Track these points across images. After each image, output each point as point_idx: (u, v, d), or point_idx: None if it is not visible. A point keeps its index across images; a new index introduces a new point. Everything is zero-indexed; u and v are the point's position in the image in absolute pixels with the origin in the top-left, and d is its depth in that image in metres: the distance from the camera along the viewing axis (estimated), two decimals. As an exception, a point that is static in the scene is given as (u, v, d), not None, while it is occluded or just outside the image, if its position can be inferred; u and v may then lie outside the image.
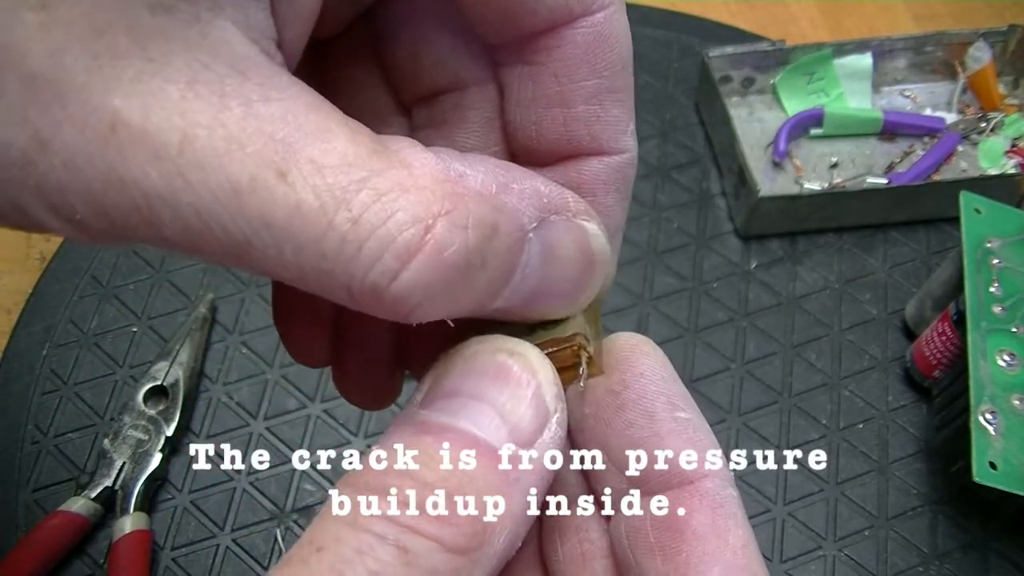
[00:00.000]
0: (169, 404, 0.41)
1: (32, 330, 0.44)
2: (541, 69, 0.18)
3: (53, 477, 0.40)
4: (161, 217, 0.14)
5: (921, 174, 0.49)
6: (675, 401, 0.18)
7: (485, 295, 0.16)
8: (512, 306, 0.17)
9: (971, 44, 0.52)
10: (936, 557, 0.39)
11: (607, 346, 0.19)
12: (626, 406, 0.18)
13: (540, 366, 0.17)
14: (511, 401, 0.16)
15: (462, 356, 0.17)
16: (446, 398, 0.16)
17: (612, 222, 0.19)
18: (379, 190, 0.14)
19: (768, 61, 0.51)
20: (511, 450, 0.16)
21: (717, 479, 0.17)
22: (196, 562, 0.38)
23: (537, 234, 0.16)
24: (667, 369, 0.18)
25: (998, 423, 0.36)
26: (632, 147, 0.19)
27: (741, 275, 0.47)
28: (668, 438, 0.17)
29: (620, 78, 0.18)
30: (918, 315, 0.44)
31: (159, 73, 0.13)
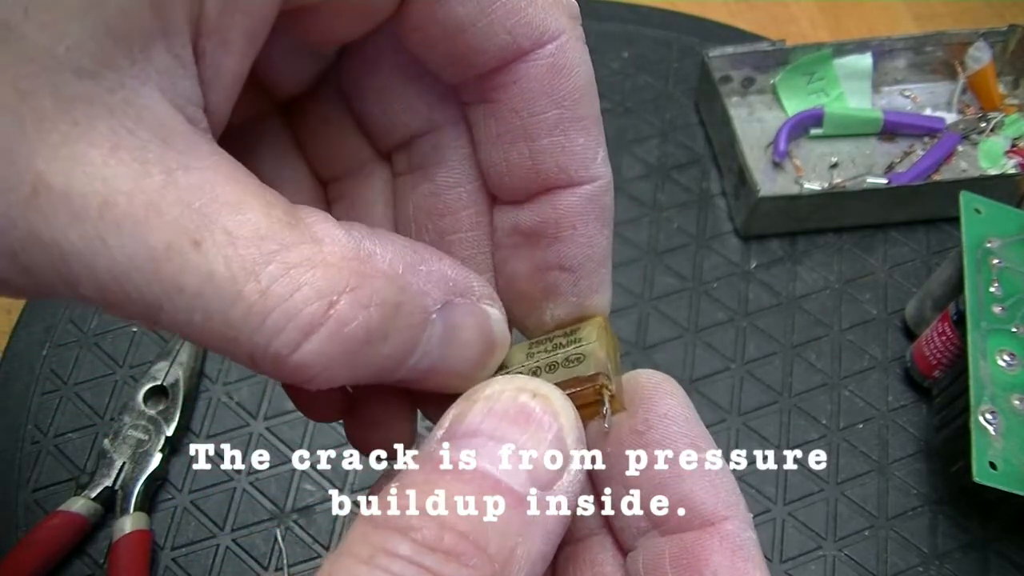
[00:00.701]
0: (169, 404, 0.41)
1: (32, 330, 0.44)
2: (501, 106, 0.18)
3: (53, 477, 0.40)
4: (79, 277, 0.14)
5: (921, 174, 0.49)
6: (698, 443, 0.18)
7: (385, 369, 0.16)
8: (412, 379, 0.17)
9: (971, 44, 0.52)
10: (936, 557, 0.39)
11: (628, 383, 0.19)
12: (649, 446, 0.18)
13: (562, 408, 0.17)
14: (532, 443, 0.16)
15: (484, 395, 0.17)
16: (467, 437, 0.16)
17: (596, 251, 0.19)
18: (288, 263, 0.15)
19: (768, 61, 0.51)
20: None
21: (737, 522, 0.17)
22: (196, 562, 0.38)
23: (440, 315, 0.17)
24: (689, 410, 0.18)
25: (998, 423, 0.36)
26: (604, 174, 0.19)
27: (741, 275, 0.47)
28: (690, 480, 0.18)
29: (581, 106, 0.18)
30: (918, 315, 0.44)
31: (83, 138, 0.14)
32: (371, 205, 0.22)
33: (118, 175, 0.14)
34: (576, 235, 0.19)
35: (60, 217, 0.14)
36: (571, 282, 0.19)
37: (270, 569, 0.38)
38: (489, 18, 0.17)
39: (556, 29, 0.17)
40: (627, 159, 0.51)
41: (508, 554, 0.15)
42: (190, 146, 0.15)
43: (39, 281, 0.14)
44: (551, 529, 0.16)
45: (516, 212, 0.20)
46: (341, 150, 0.22)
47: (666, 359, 0.44)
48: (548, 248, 0.19)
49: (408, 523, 0.15)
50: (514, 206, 0.20)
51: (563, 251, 0.19)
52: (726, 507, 0.17)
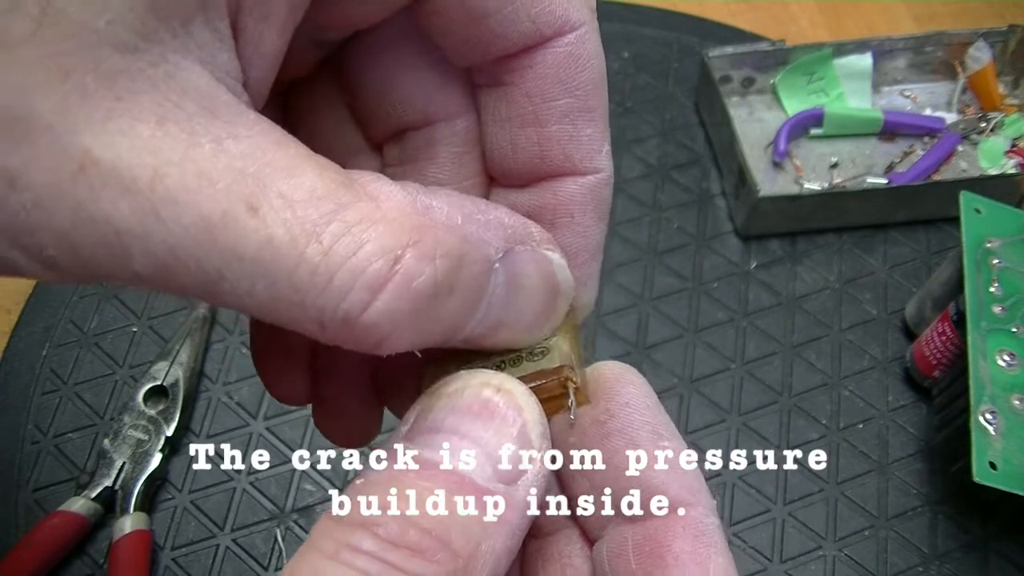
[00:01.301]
0: (169, 404, 0.41)
1: (32, 330, 0.44)
2: (514, 90, 0.18)
3: (53, 477, 0.40)
4: (132, 252, 0.14)
5: (921, 174, 0.49)
6: (659, 430, 0.18)
7: (452, 325, 0.16)
8: (478, 335, 0.17)
9: (971, 44, 0.52)
10: (936, 557, 0.39)
11: (592, 375, 0.19)
12: (611, 435, 0.18)
13: (526, 403, 0.17)
14: (496, 439, 0.16)
15: (447, 391, 0.17)
16: (431, 433, 0.16)
17: (590, 242, 0.20)
18: (348, 222, 0.14)
19: (768, 61, 0.51)
20: (496, 489, 0.16)
21: (699, 508, 0.17)
22: (196, 562, 0.38)
23: (502, 263, 0.17)
24: (651, 398, 0.18)
25: (998, 423, 0.36)
26: (607, 167, 0.19)
27: (741, 275, 0.47)
28: (651, 467, 0.17)
29: (592, 98, 0.18)
30: (918, 315, 0.44)
31: (128, 112, 0.14)
32: None
33: (167, 147, 0.14)
34: (573, 224, 0.19)
35: (110, 191, 0.13)
36: None
37: (270, 569, 0.38)
38: (515, 5, 0.17)
39: (578, 20, 0.18)
40: (627, 159, 0.51)
41: (473, 550, 0.15)
42: (236, 116, 0.14)
43: (90, 261, 0.14)
44: (516, 524, 0.16)
45: (515, 196, 0.20)
46: (332, 138, 0.22)
47: (666, 359, 0.44)
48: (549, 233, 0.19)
49: (372, 519, 0.15)
50: (513, 190, 0.20)
51: (558, 239, 0.19)
52: (689, 493, 0.17)
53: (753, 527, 0.40)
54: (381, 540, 0.14)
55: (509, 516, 0.16)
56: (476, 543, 0.15)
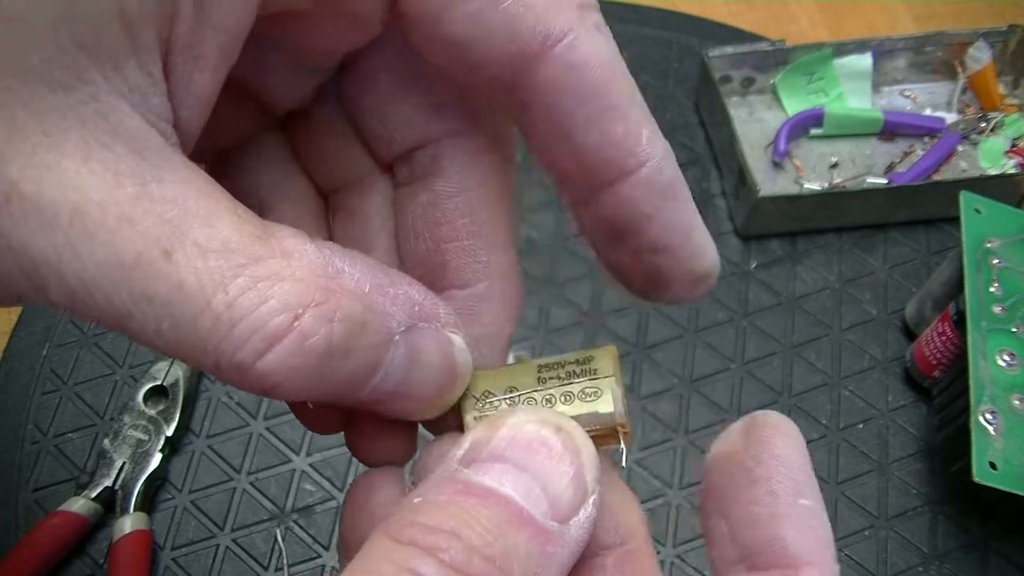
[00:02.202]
0: (169, 404, 0.41)
1: (32, 330, 0.44)
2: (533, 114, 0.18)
3: (53, 477, 0.40)
4: (48, 283, 0.14)
5: (921, 174, 0.49)
6: (801, 488, 0.18)
7: (348, 385, 0.16)
8: (374, 400, 0.17)
9: (971, 44, 0.52)
10: (936, 557, 0.39)
11: (751, 422, 0.19)
12: (755, 483, 0.18)
13: (583, 444, 0.17)
14: (554, 476, 0.16)
15: (508, 423, 0.17)
16: (490, 461, 0.16)
17: (683, 220, 0.18)
18: (256, 276, 0.15)
19: (768, 61, 0.51)
20: (552, 525, 0.16)
21: (821, 570, 0.17)
22: (196, 562, 0.38)
23: (404, 337, 0.17)
24: (803, 457, 0.18)
25: (998, 423, 0.36)
26: (654, 153, 0.18)
27: (741, 275, 0.47)
28: (785, 521, 0.17)
29: (610, 96, 0.18)
30: (918, 315, 0.44)
31: (55, 147, 0.14)
32: (371, 216, 0.22)
33: (90, 185, 0.14)
34: (652, 222, 0.18)
35: (31, 224, 0.14)
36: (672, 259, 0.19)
37: (270, 569, 0.38)
38: (489, 30, 0.17)
39: (561, 28, 0.17)
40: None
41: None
42: (163, 159, 0.15)
43: (9, 286, 0.15)
44: (566, 563, 0.16)
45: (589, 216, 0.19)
46: (341, 162, 0.22)
47: (666, 359, 0.44)
48: (635, 241, 0.19)
49: (435, 543, 0.14)
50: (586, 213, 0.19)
51: (648, 239, 0.18)
52: (810, 553, 0.17)
53: (753, 527, 0.40)
54: (444, 566, 0.14)
55: (561, 554, 0.16)
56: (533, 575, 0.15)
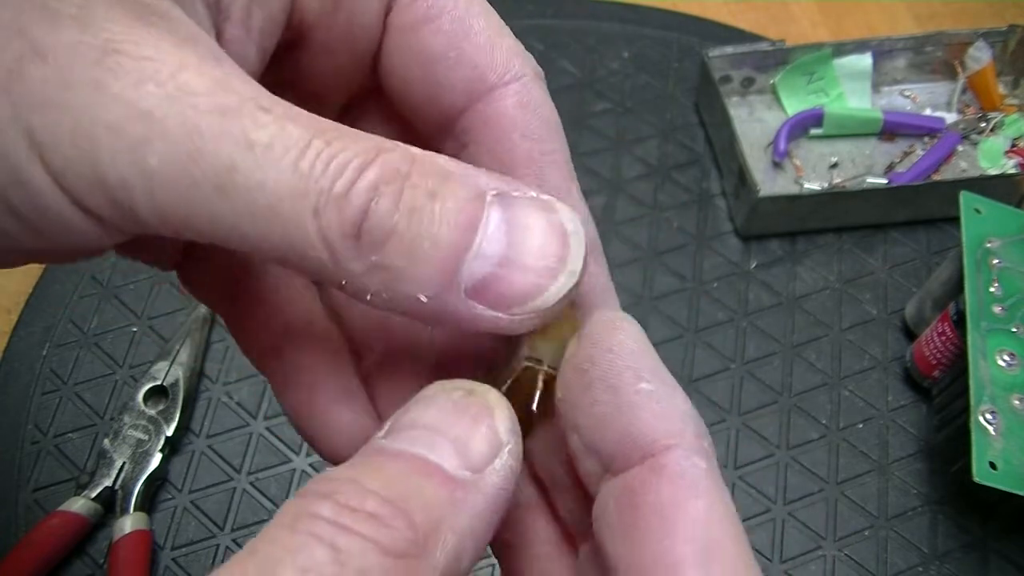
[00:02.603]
0: (169, 404, 0.41)
1: (32, 330, 0.44)
2: (478, 147, 0.19)
3: (53, 477, 0.40)
4: (149, 137, 0.15)
5: (921, 174, 0.49)
6: (641, 374, 0.17)
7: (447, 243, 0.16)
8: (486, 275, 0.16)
9: (971, 44, 0.52)
10: (936, 557, 0.39)
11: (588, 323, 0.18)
12: (592, 384, 0.17)
13: (496, 403, 0.17)
14: (465, 433, 0.16)
15: (423, 395, 0.17)
16: (404, 430, 0.16)
17: (598, 281, 0.20)
18: (343, 130, 0.16)
19: (768, 61, 0.51)
20: (462, 475, 0.16)
21: (679, 450, 0.16)
22: (196, 562, 0.38)
23: (498, 200, 0.16)
24: (640, 343, 0.17)
25: (998, 423, 0.36)
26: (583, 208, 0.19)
27: (741, 275, 0.47)
28: (631, 412, 0.16)
29: (552, 141, 0.19)
30: (918, 315, 0.44)
31: (147, 29, 0.15)
32: None
33: (187, 55, 0.15)
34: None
35: (132, 75, 0.15)
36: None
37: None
38: (458, 50, 0.18)
39: (519, 70, 0.19)
40: (627, 159, 0.51)
41: (433, 525, 0.15)
42: (235, 69, 0.16)
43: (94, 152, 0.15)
44: (483, 509, 0.16)
45: None
46: None
47: (666, 359, 0.44)
48: None
49: (333, 488, 0.15)
50: None
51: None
52: (667, 435, 0.16)
53: (753, 527, 0.40)
54: (339, 506, 0.14)
55: (474, 500, 0.15)
56: (437, 519, 0.15)
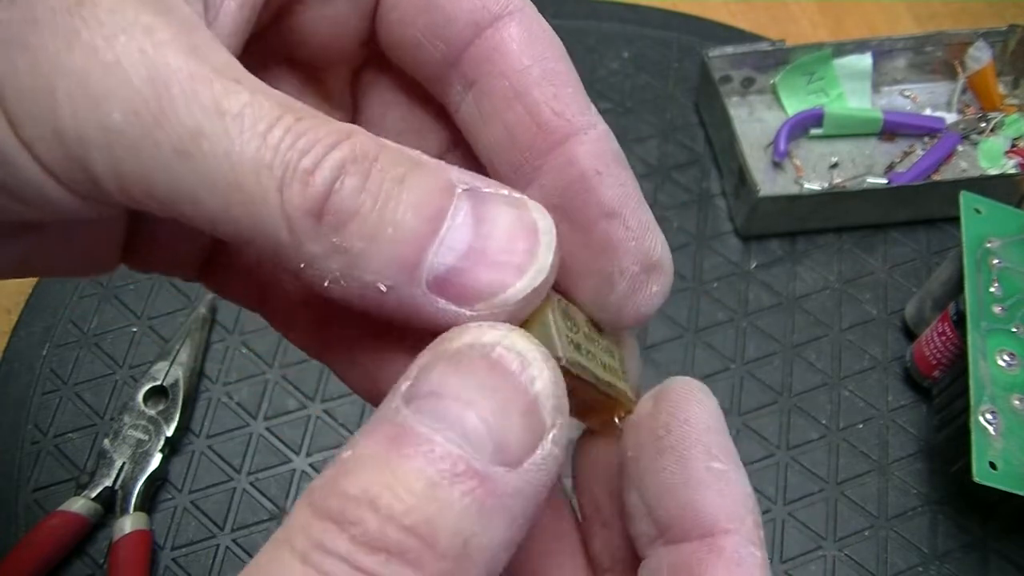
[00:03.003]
0: (169, 404, 0.41)
1: (32, 330, 0.44)
2: (488, 78, 0.18)
3: (53, 477, 0.40)
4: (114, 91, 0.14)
5: (921, 174, 0.49)
6: (712, 451, 0.17)
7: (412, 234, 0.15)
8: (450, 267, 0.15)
9: (971, 44, 0.52)
10: (936, 557, 0.39)
11: (661, 388, 0.18)
12: (664, 451, 0.17)
13: (540, 370, 0.15)
14: (502, 410, 0.14)
15: (454, 347, 0.15)
16: (431, 398, 0.14)
17: (631, 191, 0.18)
18: (315, 113, 0.15)
19: (768, 61, 0.51)
20: (495, 471, 0.14)
21: (739, 536, 0.16)
22: (196, 562, 0.38)
23: (468, 195, 0.16)
24: (714, 419, 0.17)
25: (998, 423, 0.36)
26: (601, 123, 0.18)
27: (741, 275, 0.47)
28: (697, 487, 0.17)
29: (560, 63, 0.18)
30: (918, 315, 0.44)
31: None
32: None
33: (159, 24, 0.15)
34: (604, 178, 0.18)
35: (106, 26, 0.14)
36: (622, 227, 0.18)
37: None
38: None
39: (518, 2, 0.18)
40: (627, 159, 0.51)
41: (460, 548, 0.13)
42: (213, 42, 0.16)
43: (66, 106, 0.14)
44: (518, 513, 0.14)
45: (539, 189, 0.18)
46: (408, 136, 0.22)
47: (666, 359, 0.44)
48: (585, 205, 0.18)
49: (349, 516, 0.13)
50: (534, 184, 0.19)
51: (600, 199, 0.18)
52: (729, 519, 0.16)
53: (753, 527, 0.40)
54: (356, 542, 0.13)
55: (509, 505, 0.14)
56: (464, 540, 0.13)
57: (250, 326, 0.45)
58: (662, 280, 0.19)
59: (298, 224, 0.15)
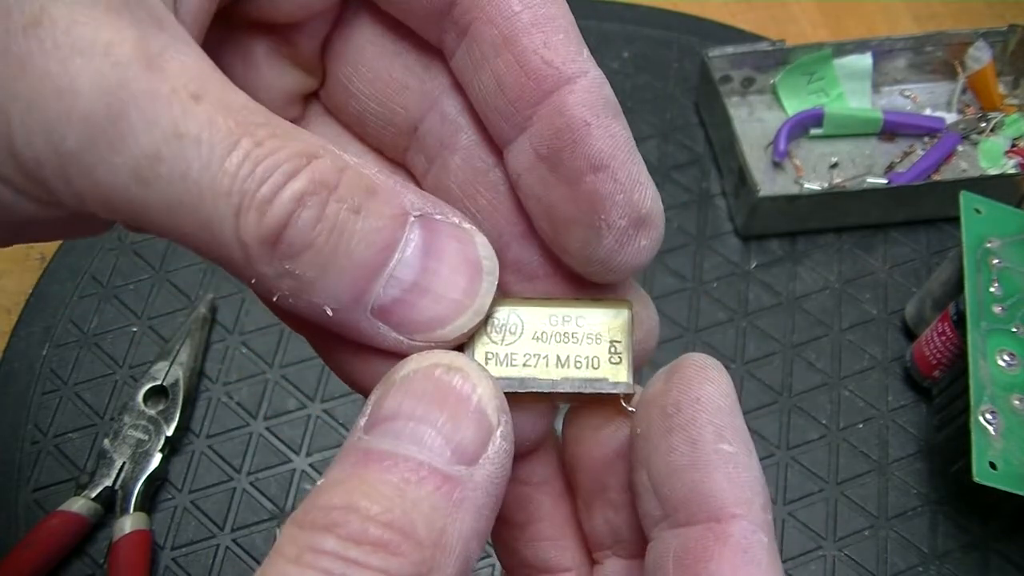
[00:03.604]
0: (169, 404, 0.41)
1: (32, 330, 0.44)
2: (477, 24, 0.18)
3: (53, 477, 0.40)
4: (69, 117, 0.14)
5: (921, 174, 0.49)
6: (723, 432, 0.17)
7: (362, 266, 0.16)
8: (395, 299, 0.16)
9: (971, 44, 0.52)
10: (936, 557, 0.39)
11: (676, 364, 0.18)
12: (673, 430, 0.17)
13: (479, 379, 0.16)
14: (452, 419, 0.16)
15: (400, 375, 0.16)
16: (387, 421, 0.16)
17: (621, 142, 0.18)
18: (275, 131, 0.15)
19: (768, 61, 0.51)
20: (456, 470, 0.15)
21: (747, 521, 0.16)
22: (196, 562, 0.38)
23: (419, 223, 0.16)
24: (726, 399, 0.17)
25: (998, 423, 0.36)
26: (593, 68, 0.18)
27: (741, 275, 0.47)
28: (705, 469, 0.16)
29: (551, 6, 0.18)
30: (918, 315, 0.44)
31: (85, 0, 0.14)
32: None
33: (122, 28, 0.14)
34: (593, 129, 0.18)
35: (61, 49, 0.14)
36: (610, 180, 0.18)
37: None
38: None
39: None
40: (627, 159, 0.51)
41: (438, 536, 0.14)
42: (182, 36, 0.15)
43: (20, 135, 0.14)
44: (482, 504, 0.15)
45: (528, 139, 0.18)
46: None
47: (666, 359, 0.44)
48: (573, 157, 0.18)
49: (333, 520, 0.14)
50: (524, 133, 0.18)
51: (588, 151, 0.18)
52: (736, 503, 0.16)
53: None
54: (342, 539, 0.14)
55: (473, 497, 0.15)
56: (440, 529, 0.14)
57: (250, 326, 0.45)
58: (652, 233, 0.18)
59: (253, 250, 0.15)
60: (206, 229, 0.15)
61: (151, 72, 0.14)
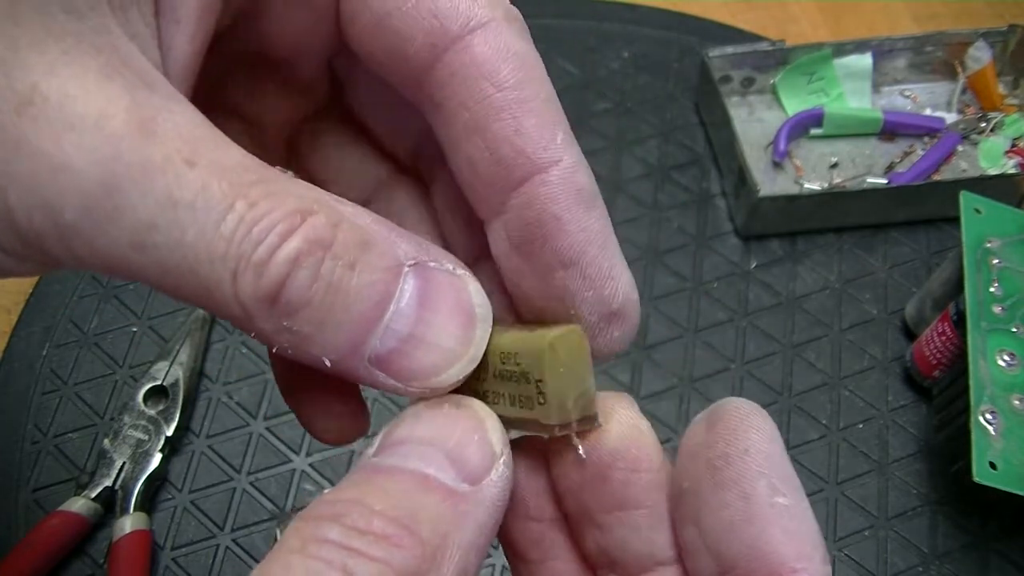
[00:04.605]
0: (169, 404, 0.41)
1: (32, 330, 0.44)
2: (450, 103, 0.17)
3: (53, 477, 0.40)
4: (66, 193, 0.14)
5: (921, 174, 0.49)
6: (776, 484, 0.16)
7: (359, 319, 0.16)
8: (391, 349, 0.16)
9: (971, 44, 0.52)
10: (936, 557, 0.39)
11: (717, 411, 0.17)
12: (724, 484, 0.16)
13: (486, 415, 0.17)
14: (458, 445, 0.16)
15: (410, 411, 0.17)
16: (396, 445, 0.16)
17: (592, 236, 0.18)
18: (270, 186, 0.15)
19: (768, 61, 0.51)
20: (462, 487, 0.16)
21: (811, 572, 0.16)
22: (196, 562, 0.38)
23: (414, 272, 0.16)
24: (774, 446, 0.17)
25: (998, 423, 0.36)
26: (567, 154, 0.17)
27: (741, 275, 0.47)
28: (762, 524, 0.16)
29: (525, 88, 0.17)
30: (918, 315, 0.44)
31: (76, 64, 0.14)
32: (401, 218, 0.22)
33: (115, 96, 0.14)
34: (564, 224, 0.17)
35: (54, 126, 0.14)
36: (579, 277, 0.18)
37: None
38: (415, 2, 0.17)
39: (483, 16, 0.17)
40: (627, 159, 0.51)
41: (440, 540, 0.15)
42: (171, 95, 0.15)
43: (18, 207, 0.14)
44: (484, 522, 0.16)
45: (503, 225, 0.18)
46: (355, 174, 0.22)
47: (666, 359, 0.44)
48: (542, 252, 0.18)
49: (339, 511, 0.15)
50: (499, 218, 0.18)
51: (557, 246, 0.17)
52: (797, 558, 0.16)
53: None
54: (347, 529, 0.14)
55: (476, 512, 0.16)
56: (443, 534, 0.15)
57: (250, 326, 0.45)
58: (624, 326, 0.19)
59: (251, 309, 0.15)
60: (204, 290, 0.15)
61: (144, 139, 0.14)
